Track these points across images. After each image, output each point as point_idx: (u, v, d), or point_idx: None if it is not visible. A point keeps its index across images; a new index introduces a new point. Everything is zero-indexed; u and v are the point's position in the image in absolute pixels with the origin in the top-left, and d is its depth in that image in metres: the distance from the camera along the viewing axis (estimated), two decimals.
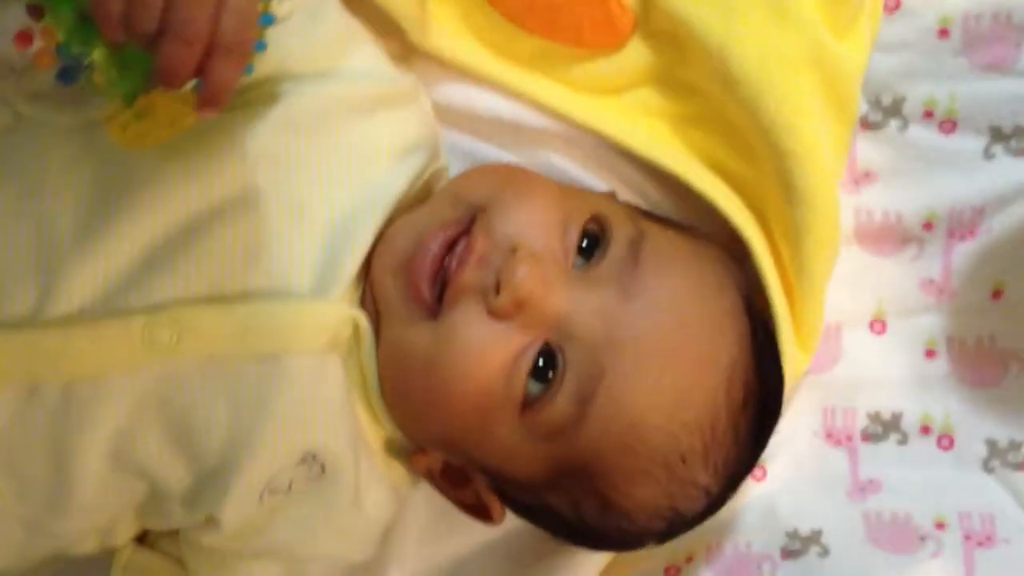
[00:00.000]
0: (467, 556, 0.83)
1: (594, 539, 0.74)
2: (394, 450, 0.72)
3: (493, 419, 0.66)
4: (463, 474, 0.71)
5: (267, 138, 0.66)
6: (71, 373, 0.62)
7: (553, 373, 0.65)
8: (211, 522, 0.68)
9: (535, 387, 0.65)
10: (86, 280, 0.62)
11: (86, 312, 0.62)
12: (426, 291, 0.65)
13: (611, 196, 0.75)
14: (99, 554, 0.74)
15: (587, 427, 0.65)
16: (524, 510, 0.74)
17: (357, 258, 0.66)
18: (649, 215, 0.74)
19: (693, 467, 0.67)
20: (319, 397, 0.66)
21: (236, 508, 0.67)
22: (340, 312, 0.66)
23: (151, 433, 0.64)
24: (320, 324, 0.65)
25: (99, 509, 0.67)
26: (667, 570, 0.81)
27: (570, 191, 0.72)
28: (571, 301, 0.65)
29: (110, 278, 0.62)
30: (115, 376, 0.63)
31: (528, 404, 0.65)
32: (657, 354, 0.65)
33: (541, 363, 0.65)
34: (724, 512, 0.78)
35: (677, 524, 0.71)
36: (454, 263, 0.65)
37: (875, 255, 0.83)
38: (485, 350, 0.65)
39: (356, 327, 0.67)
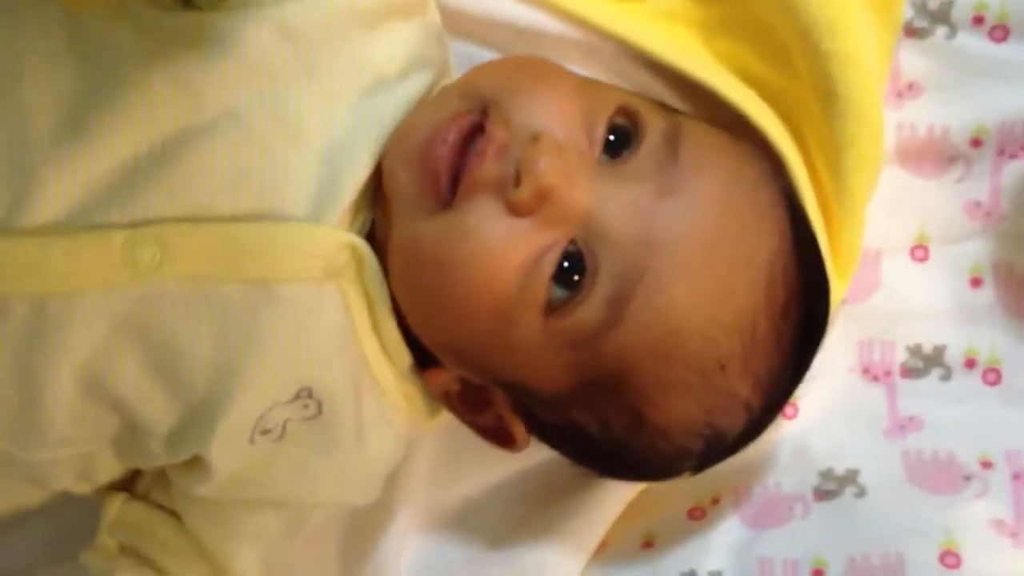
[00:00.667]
0: (478, 498, 0.81)
1: (625, 465, 0.71)
2: (406, 383, 0.68)
3: (513, 324, 0.62)
4: (483, 395, 0.68)
5: (264, 48, 0.62)
6: (44, 288, 0.59)
7: (580, 276, 0.61)
8: (201, 467, 0.66)
9: (559, 291, 0.62)
10: (63, 189, 0.59)
11: (62, 224, 0.59)
12: (443, 181, 0.61)
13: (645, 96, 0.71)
14: (86, 493, 0.72)
15: (620, 333, 0.61)
16: (548, 433, 0.71)
17: (357, 181, 0.63)
18: (680, 112, 0.70)
19: (732, 376, 0.64)
20: (314, 329, 0.63)
21: (225, 449, 0.64)
22: (336, 237, 0.62)
23: (128, 360, 0.61)
24: (315, 250, 0.62)
25: (71, 441, 0.65)
26: (691, 512, 0.78)
27: (595, 83, 0.68)
28: (600, 196, 0.61)
29: (89, 189, 0.59)
30: (91, 295, 0.60)
31: (553, 309, 0.62)
32: (697, 253, 0.62)
33: (567, 265, 0.61)
34: (752, 451, 0.76)
35: (715, 446, 0.68)
36: (471, 156, 0.62)
37: (918, 176, 0.81)
38: (503, 247, 0.61)
39: (355, 252, 0.63)
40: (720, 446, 0.69)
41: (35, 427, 0.62)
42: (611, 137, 0.64)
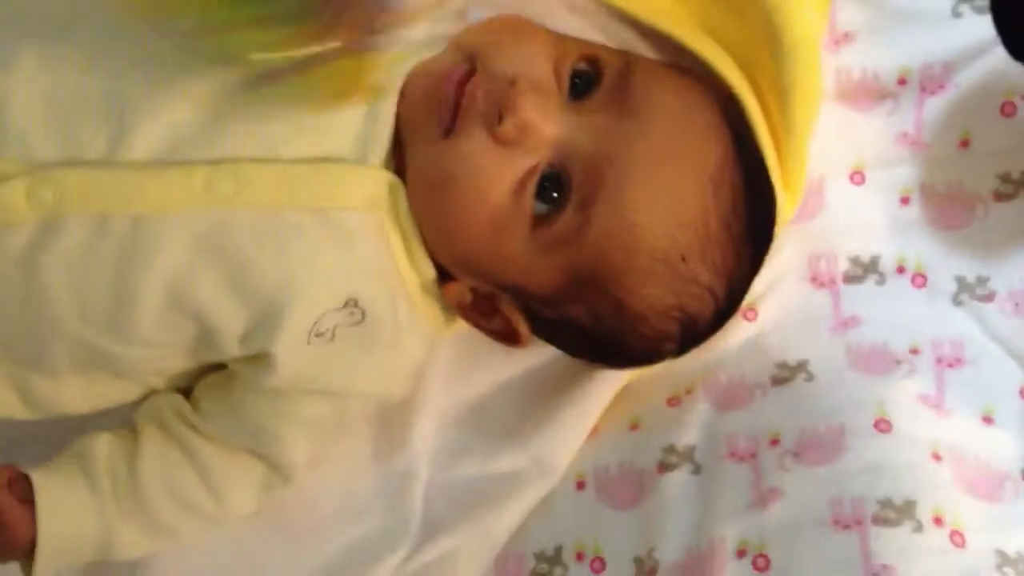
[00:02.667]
0: (489, 394, 0.91)
1: (614, 352, 0.82)
2: (430, 296, 0.79)
3: (507, 237, 0.74)
4: (490, 302, 0.79)
5: None
6: (139, 208, 0.69)
7: (558, 192, 0.73)
8: (267, 362, 0.75)
9: (541, 207, 0.73)
10: (154, 131, 0.70)
11: (153, 161, 0.70)
12: (446, 112, 0.73)
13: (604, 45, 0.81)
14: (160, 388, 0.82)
15: (591, 233, 0.73)
16: (548, 330, 0.82)
17: (389, 127, 0.74)
18: (637, 55, 0.81)
19: (693, 265, 0.76)
20: (360, 248, 0.75)
21: (287, 348, 0.74)
22: (379, 175, 0.74)
23: (207, 274, 0.71)
24: (360, 186, 0.74)
25: (153, 343, 0.74)
26: (670, 400, 0.88)
27: (563, 36, 0.79)
28: (568, 125, 0.73)
29: (175, 132, 0.70)
30: (178, 217, 0.70)
31: (538, 222, 0.74)
32: (649, 160, 0.73)
33: (546, 184, 0.73)
34: (719, 349, 0.88)
35: (690, 329, 0.79)
36: (464, 96, 0.73)
37: (854, 111, 0.90)
38: (492, 172, 0.73)
39: (391, 187, 0.75)
40: (694, 330, 0.80)
41: (126, 327, 0.72)
42: (576, 80, 0.75)
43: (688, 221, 0.75)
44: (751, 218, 0.78)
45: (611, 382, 0.89)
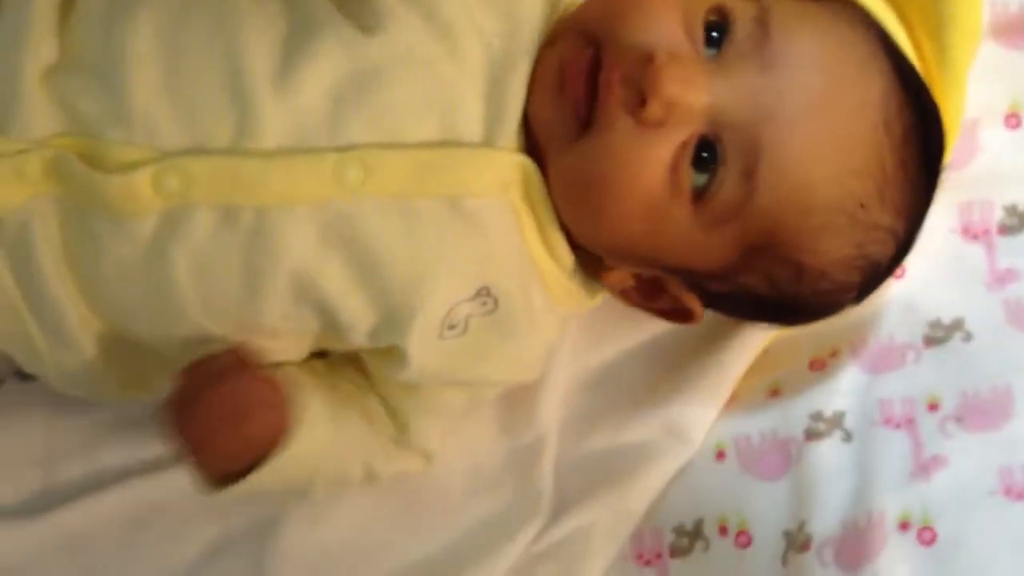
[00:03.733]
0: (617, 363, 0.88)
1: (794, 311, 0.77)
2: (568, 281, 0.76)
3: (668, 218, 0.70)
4: (656, 284, 0.76)
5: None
6: (265, 199, 0.67)
7: (714, 162, 0.69)
8: (399, 357, 0.73)
9: (700, 179, 0.69)
10: (280, 117, 0.67)
11: (282, 148, 0.67)
12: (582, 108, 0.69)
13: None
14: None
15: (759, 199, 0.69)
16: (721, 302, 0.78)
17: (517, 108, 0.70)
18: None
19: (873, 210, 0.71)
20: (491, 236, 0.71)
21: (419, 343, 0.72)
22: (508, 159, 0.71)
23: (334, 267, 0.69)
24: (490, 170, 0.70)
25: (279, 335, 0.73)
26: (812, 364, 0.85)
27: None
28: (714, 90, 0.68)
29: (301, 119, 0.67)
30: (304, 207, 0.67)
31: (698, 196, 0.69)
32: (807, 110, 0.68)
33: (703, 155, 0.68)
34: (864, 309, 0.83)
35: (871, 274, 0.74)
36: (600, 88, 0.68)
37: (1010, 48, 0.85)
38: (645, 156, 0.68)
39: (523, 170, 0.71)
40: (876, 273, 0.75)
41: (250, 319, 0.71)
42: (713, 34, 0.70)
43: (862, 166, 0.70)
44: (924, 146, 0.73)
45: (749, 347, 0.86)
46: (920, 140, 0.73)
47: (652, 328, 0.88)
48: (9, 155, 0.66)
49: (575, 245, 0.75)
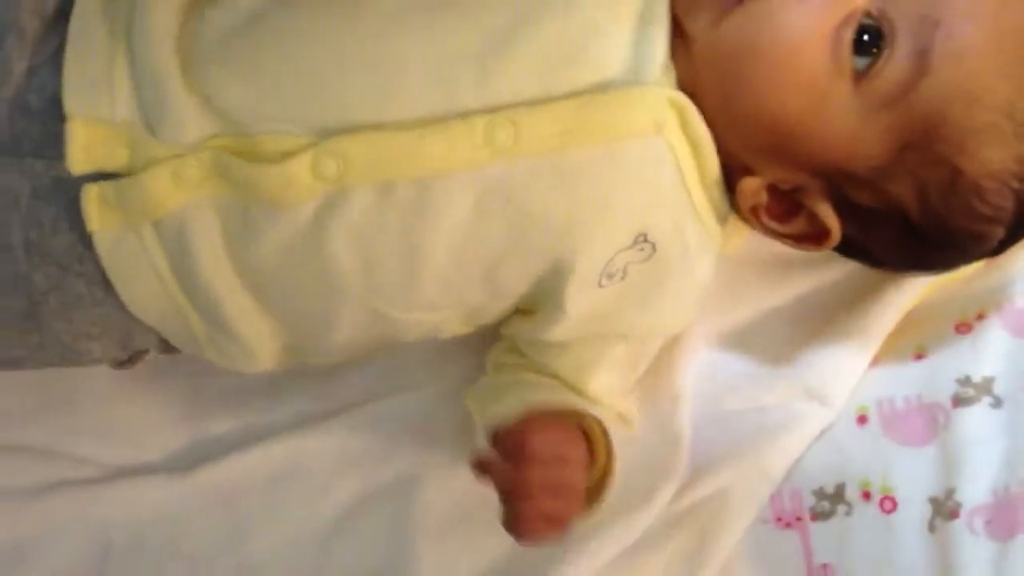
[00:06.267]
0: (757, 321, 0.89)
1: (939, 243, 0.76)
2: (717, 211, 0.75)
3: (827, 97, 0.69)
4: (791, 200, 0.75)
5: None
6: (423, 171, 0.68)
7: (879, 41, 0.68)
8: (556, 311, 0.74)
9: (861, 61, 0.68)
10: (424, 85, 0.68)
11: (431, 117, 0.68)
12: None
13: None
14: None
15: (927, 83, 0.68)
16: (861, 224, 0.75)
17: (664, 41, 0.70)
18: None
19: None
20: (648, 178, 0.71)
21: (578, 295, 0.73)
22: (659, 93, 0.70)
23: (493, 231, 0.70)
24: (643, 109, 0.69)
25: (437, 307, 0.74)
26: (958, 327, 0.84)
27: None
28: None
29: (446, 82, 0.68)
30: (461, 173, 0.68)
31: (860, 75, 0.68)
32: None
33: (865, 36, 0.68)
34: (1014, 269, 0.83)
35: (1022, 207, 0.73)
36: None
37: None
38: (806, 23, 0.68)
39: (675, 103, 0.70)
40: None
41: (410, 292, 0.72)
42: None
43: None
44: None
45: (893, 307, 0.86)
46: None
47: (792, 290, 0.88)
48: (166, 159, 0.68)
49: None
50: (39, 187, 0.70)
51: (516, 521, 0.68)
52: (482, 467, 0.69)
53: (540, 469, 0.69)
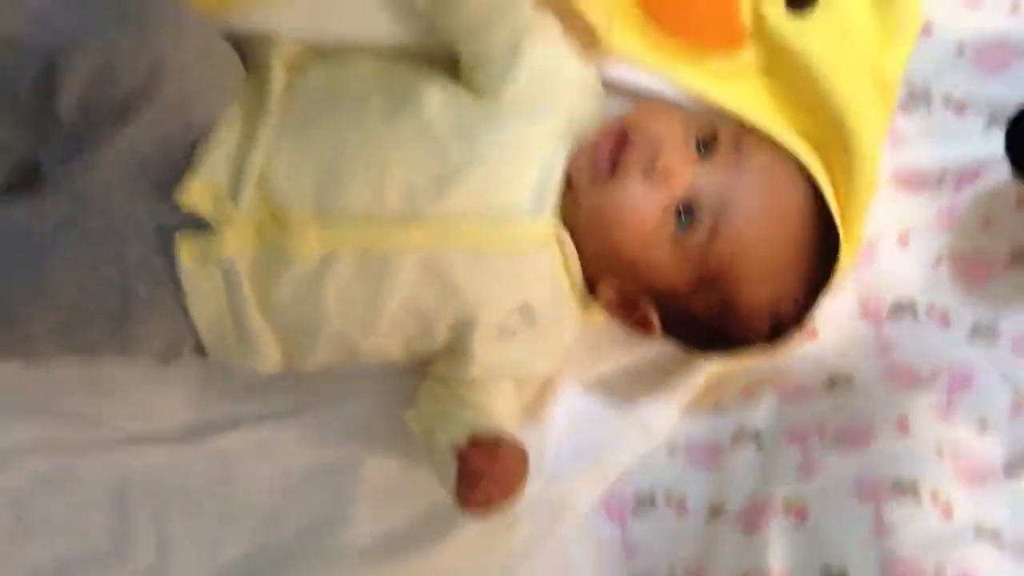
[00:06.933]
0: (611, 375, 1.14)
1: (719, 339, 1.04)
2: (578, 297, 1.02)
3: (655, 248, 0.97)
4: (632, 300, 1.01)
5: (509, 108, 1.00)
6: (389, 247, 0.95)
7: (690, 217, 0.96)
8: (467, 356, 0.99)
9: (679, 228, 0.96)
10: (399, 191, 0.94)
11: (401, 212, 0.95)
12: (607, 163, 0.96)
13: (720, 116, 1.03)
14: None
15: (715, 246, 0.97)
16: (674, 323, 1.02)
17: (558, 185, 0.98)
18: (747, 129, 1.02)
19: (787, 277, 0.99)
20: (534, 273, 0.99)
21: (481, 345, 0.98)
22: (550, 222, 0.98)
23: (428, 291, 0.96)
24: (536, 231, 0.97)
25: (387, 335, 0.99)
26: (744, 391, 1.12)
27: (691, 113, 1.02)
28: (698, 174, 0.96)
29: (414, 193, 0.94)
30: (415, 252, 0.95)
31: (677, 236, 0.96)
32: (755, 199, 0.98)
33: (683, 212, 0.96)
34: (789, 358, 1.11)
35: (777, 325, 1.02)
36: (624, 154, 0.96)
37: (905, 193, 1.14)
38: (647, 202, 0.96)
39: (558, 234, 0.98)
40: (779, 327, 1.02)
41: (371, 325, 0.97)
42: (702, 145, 0.97)
43: (783, 244, 0.98)
44: (823, 250, 1.01)
45: (703, 371, 1.11)
46: (822, 240, 1.00)
47: (638, 354, 1.13)
48: (239, 220, 0.94)
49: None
50: (162, 224, 0.93)
51: (472, 499, 0.93)
52: (467, 454, 0.93)
53: (499, 466, 0.93)
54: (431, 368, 1.05)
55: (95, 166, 0.94)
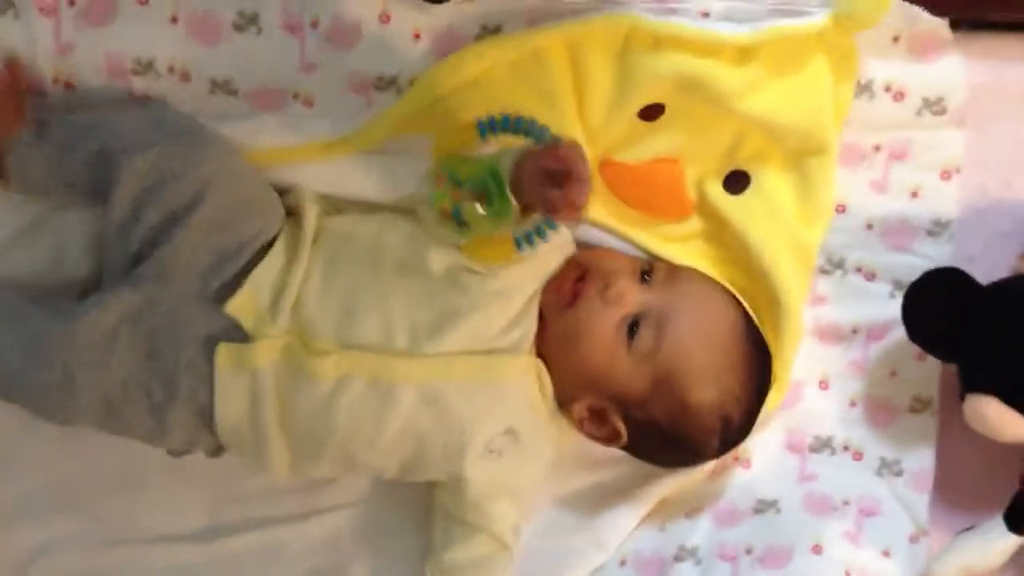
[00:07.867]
0: (572, 495, 1.28)
1: (679, 442, 1.16)
2: (554, 425, 1.17)
3: (614, 358, 1.13)
4: (601, 415, 1.15)
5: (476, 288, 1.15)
6: (394, 377, 1.10)
7: (639, 328, 1.12)
8: (463, 480, 1.13)
9: (632, 337, 1.12)
10: (404, 332, 1.11)
11: (405, 350, 1.11)
12: (570, 295, 1.14)
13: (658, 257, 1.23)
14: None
15: (663, 347, 1.12)
16: (637, 435, 1.16)
17: (533, 326, 1.15)
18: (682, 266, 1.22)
19: (728, 378, 1.13)
20: (517, 400, 1.15)
21: (473, 462, 1.12)
22: (529, 359, 1.15)
23: (425, 416, 1.11)
24: (518, 366, 1.15)
25: (386, 454, 1.12)
26: (687, 514, 1.27)
27: (635, 257, 1.21)
28: (644, 295, 1.13)
29: (416, 333, 1.11)
30: (415, 383, 1.11)
31: (631, 345, 1.12)
32: (692, 314, 1.14)
33: (634, 324, 1.12)
34: (723, 484, 1.28)
35: (727, 428, 1.15)
36: (584, 287, 1.14)
37: (824, 344, 1.29)
38: (604, 320, 1.13)
39: (536, 365, 1.15)
40: (730, 429, 1.15)
41: (374, 444, 1.11)
42: (645, 276, 1.15)
43: (720, 348, 1.14)
44: (760, 359, 1.18)
45: (652, 496, 1.26)
46: (758, 356, 1.16)
47: (600, 475, 1.28)
48: (272, 337, 1.09)
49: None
50: (211, 333, 1.08)
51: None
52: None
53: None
54: (435, 500, 1.20)
55: (167, 274, 1.09)
